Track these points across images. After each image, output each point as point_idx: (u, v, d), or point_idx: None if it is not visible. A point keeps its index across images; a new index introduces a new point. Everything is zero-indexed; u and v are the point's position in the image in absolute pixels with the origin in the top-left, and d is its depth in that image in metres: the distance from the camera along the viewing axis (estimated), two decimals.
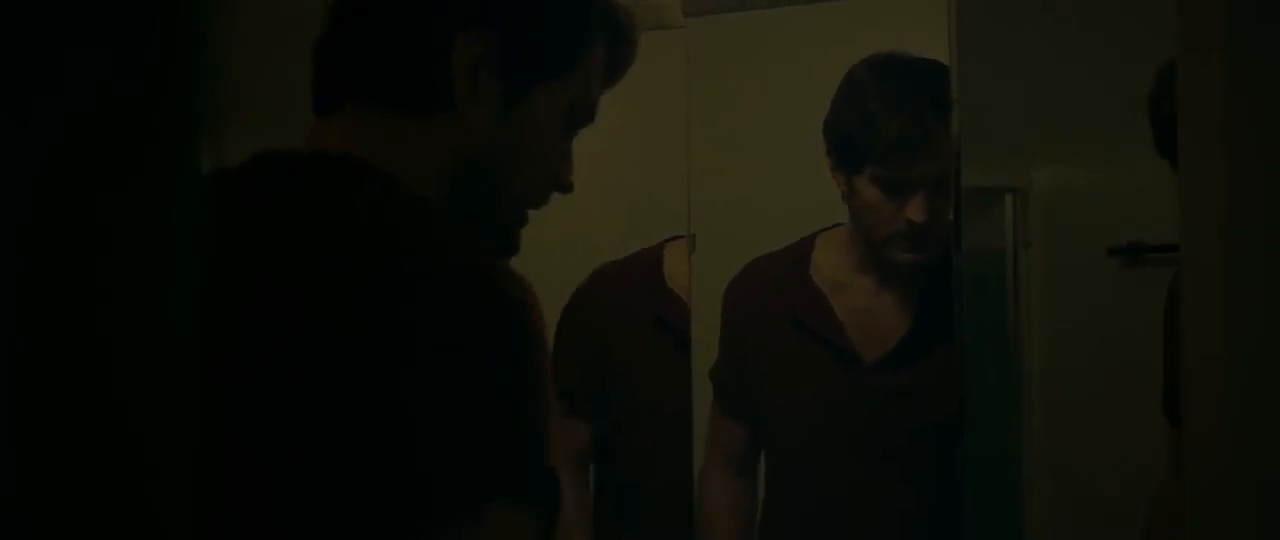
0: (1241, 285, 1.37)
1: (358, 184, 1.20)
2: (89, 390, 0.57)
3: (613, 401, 2.58)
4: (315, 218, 1.16)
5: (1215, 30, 1.39)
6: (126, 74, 0.55)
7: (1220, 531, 1.33)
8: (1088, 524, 2.48)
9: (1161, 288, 1.99)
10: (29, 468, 0.57)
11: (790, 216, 2.48)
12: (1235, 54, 1.39)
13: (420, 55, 1.22)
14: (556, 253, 2.72)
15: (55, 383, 0.56)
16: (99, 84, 0.54)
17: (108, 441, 0.58)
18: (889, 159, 2.24)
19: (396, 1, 1.23)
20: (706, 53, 2.54)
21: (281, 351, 1.10)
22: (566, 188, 1.33)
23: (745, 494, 2.46)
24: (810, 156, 2.40)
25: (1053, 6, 2.51)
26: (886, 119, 2.24)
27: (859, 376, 2.34)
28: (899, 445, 2.33)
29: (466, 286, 1.11)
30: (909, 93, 2.26)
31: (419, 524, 1.07)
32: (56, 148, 0.51)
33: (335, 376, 1.08)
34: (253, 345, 1.10)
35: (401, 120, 1.23)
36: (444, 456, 1.08)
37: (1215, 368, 1.36)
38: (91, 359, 0.57)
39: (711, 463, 2.49)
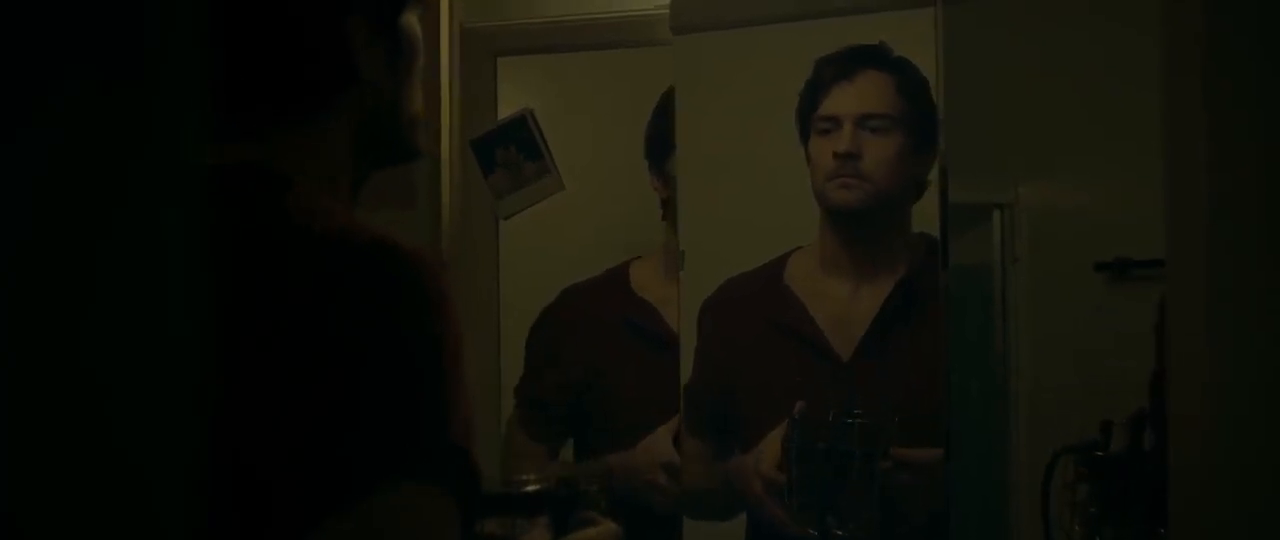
0: (1225, 298, 1.38)
1: (246, 189, 1.18)
2: (84, 389, 0.58)
3: (589, 404, 2.61)
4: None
5: (1197, 53, 1.41)
6: (125, 75, 0.55)
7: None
8: None
9: (1149, 303, 1.99)
10: (21, 466, 0.57)
11: (777, 231, 2.48)
12: (1216, 77, 1.40)
13: (321, 53, 1.22)
14: (545, 267, 2.73)
15: (50, 381, 0.57)
16: (98, 84, 0.54)
17: (101, 438, 0.58)
18: (820, 101, 2.40)
19: (285, 15, 1.22)
20: (695, 69, 2.55)
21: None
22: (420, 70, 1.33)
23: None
24: (797, 171, 2.41)
25: (1040, 24, 2.52)
26: (822, 72, 2.43)
27: (837, 372, 2.39)
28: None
29: (334, 270, 1.09)
30: (848, 54, 2.41)
31: (314, 510, 1.04)
32: (56, 148, 0.52)
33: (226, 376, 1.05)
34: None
35: (307, 121, 1.22)
36: (328, 441, 1.05)
37: (1200, 377, 1.37)
38: (86, 358, 0.57)
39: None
